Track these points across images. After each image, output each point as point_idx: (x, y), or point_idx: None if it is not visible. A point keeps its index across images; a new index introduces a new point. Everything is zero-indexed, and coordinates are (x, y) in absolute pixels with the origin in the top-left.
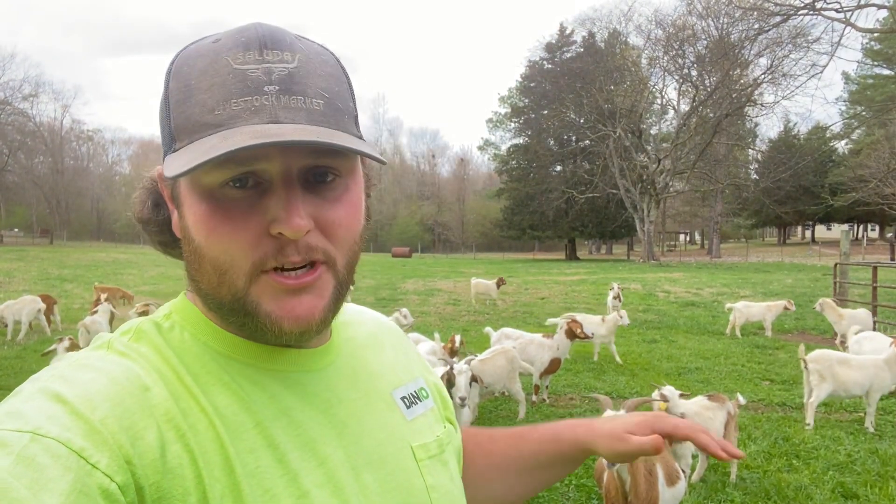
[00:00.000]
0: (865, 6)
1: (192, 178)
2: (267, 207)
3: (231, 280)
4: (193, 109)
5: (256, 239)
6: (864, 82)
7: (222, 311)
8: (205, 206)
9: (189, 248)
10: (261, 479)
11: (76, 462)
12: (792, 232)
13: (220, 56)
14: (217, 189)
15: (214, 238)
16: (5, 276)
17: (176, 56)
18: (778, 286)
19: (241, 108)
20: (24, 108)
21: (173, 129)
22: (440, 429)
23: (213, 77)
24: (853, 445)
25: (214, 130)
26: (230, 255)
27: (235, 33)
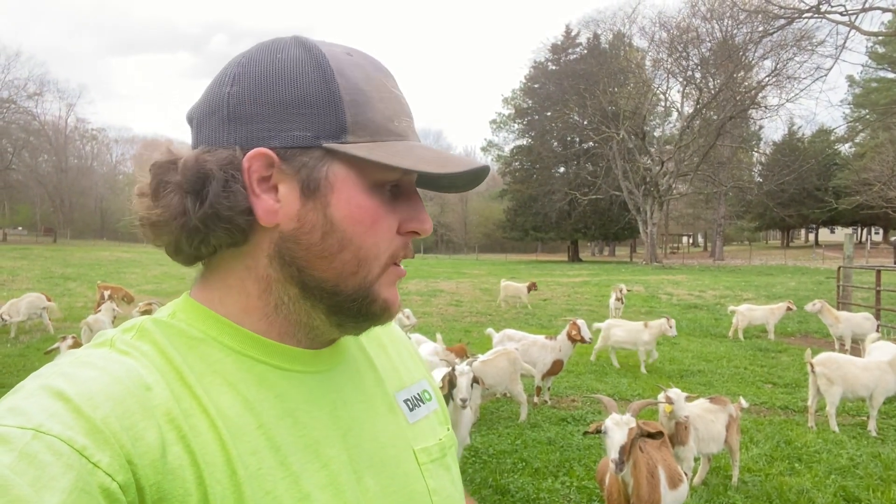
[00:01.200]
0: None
1: (360, 172)
2: (401, 209)
3: (369, 268)
4: (375, 115)
5: (394, 235)
6: (868, 85)
7: (337, 297)
8: (371, 200)
9: (327, 237)
10: (262, 480)
11: (78, 460)
12: (795, 235)
13: (371, 73)
14: (381, 187)
15: (374, 230)
16: (9, 274)
17: (318, 53)
18: (781, 289)
19: (406, 126)
20: (28, 107)
21: (348, 122)
22: (443, 431)
23: (380, 91)
24: (856, 449)
25: (398, 139)
26: (379, 247)
27: (364, 57)
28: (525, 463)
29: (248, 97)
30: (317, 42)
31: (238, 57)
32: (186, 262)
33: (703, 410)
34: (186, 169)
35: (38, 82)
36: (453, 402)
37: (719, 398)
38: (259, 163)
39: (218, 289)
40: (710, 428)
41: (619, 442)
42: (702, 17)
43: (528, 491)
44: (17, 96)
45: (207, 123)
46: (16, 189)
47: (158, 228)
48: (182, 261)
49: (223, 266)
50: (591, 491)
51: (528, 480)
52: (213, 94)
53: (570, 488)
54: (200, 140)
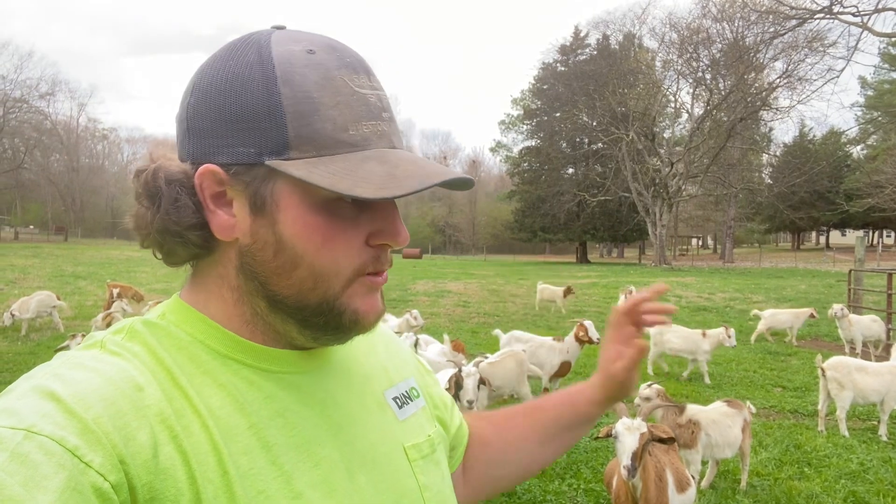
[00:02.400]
0: (883, 10)
1: (305, 188)
2: (367, 221)
3: (328, 285)
4: (324, 125)
5: (359, 249)
6: (881, 87)
7: (302, 312)
8: (320, 217)
9: (278, 254)
10: (254, 480)
11: (70, 460)
12: (806, 237)
13: (331, 73)
14: (332, 202)
15: (327, 248)
16: (20, 272)
17: (267, 58)
18: (791, 292)
19: (369, 132)
20: (40, 107)
21: (291, 138)
22: (432, 428)
23: (335, 95)
24: (866, 454)
25: (351, 150)
26: (338, 263)
27: (330, 50)
28: None
29: (200, 109)
30: (282, 38)
31: (206, 59)
32: (169, 265)
33: (720, 415)
34: (146, 182)
35: (50, 82)
36: (459, 403)
37: (735, 402)
38: (209, 180)
39: (201, 292)
40: (726, 433)
41: (631, 447)
42: (712, 18)
43: (534, 493)
44: (29, 96)
45: (178, 132)
46: (28, 188)
47: (137, 233)
48: (166, 263)
49: (204, 271)
50: (599, 493)
51: (535, 482)
52: (182, 101)
53: (578, 491)
54: (178, 147)
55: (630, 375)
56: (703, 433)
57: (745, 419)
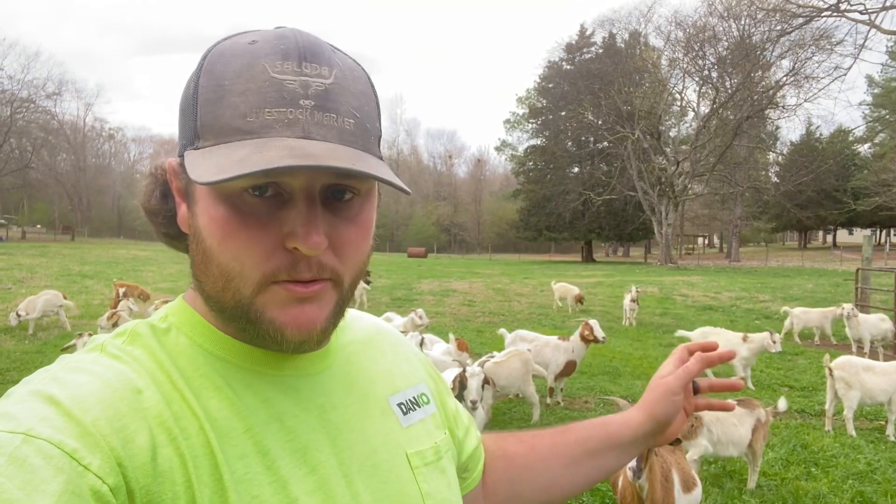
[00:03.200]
0: (891, 8)
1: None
2: (284, 220)
3: (237, 287)
4: (224, 111)
5: (270, 250)
6: (888, 85)
7: (224, 314)
8: (222, 209)
9: (198, 247)
10: (249, 485)
11: (68, 463)
12: (813, 236)
13: (256, 60)
14: (236, 194)
15: (228, 243)
16: (28, 271)
17: (209, 50)
18: (798, 291)
19: (274, 119)
20: (47, 107)
21: (199, 127)
22: (440, 435)
23: (247, 82)
24: (873, 454)
25: (245, 137)
26: (241, 262)
27: (274, 39)
28: None
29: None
30: (247, 33)
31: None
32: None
33: (726, 413)
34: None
35: (57, 82)
36: (464, 403)
37: (749, 401)
38: (171, 173)
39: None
40: (730, 431)
41: None
42: (719, 16)
43: None
44: (36, 96)
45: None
46: (35, 188)
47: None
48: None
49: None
50: (604, 494)
51: None
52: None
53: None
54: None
55: (677, 390)
56: (706, 429)
57: (759, 419)
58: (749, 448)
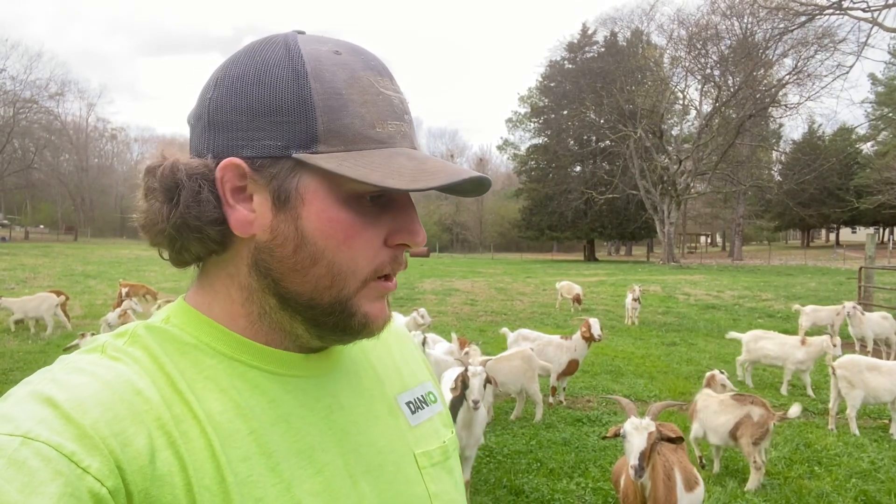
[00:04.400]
0: (894, 5)
1: (333, 183)
2: (387, 221)
3: (344, 283)
4: (353, 120)
5: (377, 249)
6: (891, 83)
7: (312, 311)
8: (345, 213)
9: (299, 250)
10: (253, 487)
11: (67, 466)
12: (816, 235)
13: (357, 73)
14: (355, 199)
15: (348, 245)
16: (31, 271)
17: (297, 54)
18: (801, 289)
19: (394, 130)
20: (50, 107)
21: (320, 131)
22: (447, 434)
23: (363, 94)
24: (877, 453)
25: (378, 146)
26: (356, 262)
27: (354, 52)
28: (540, 463)
29: (225, 103)
30: (308, 39)
31: (228, 57)
32: (176, 265)
33: (713, 401)
34: (163, 177)
35: (60, 82)
36: (466, 402)
37: (747, 396)
38: (231, 173)
39: (207, 293)
40: (710, 418)
41: (639, 447)
42: (721, 14)
43: (542, 492)
44: (38, 96)
45: (195, 129)
46: (38, 188)
47: (145, 231)
48: (173, 264)
49: (211, 272)
50: (607, 492)
51: (543, 481)
52: (200, 97)
53: (586, 489)
54: (191, 144)
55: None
56: (700, 414)
57: (749, 415)
58: (733, 440)
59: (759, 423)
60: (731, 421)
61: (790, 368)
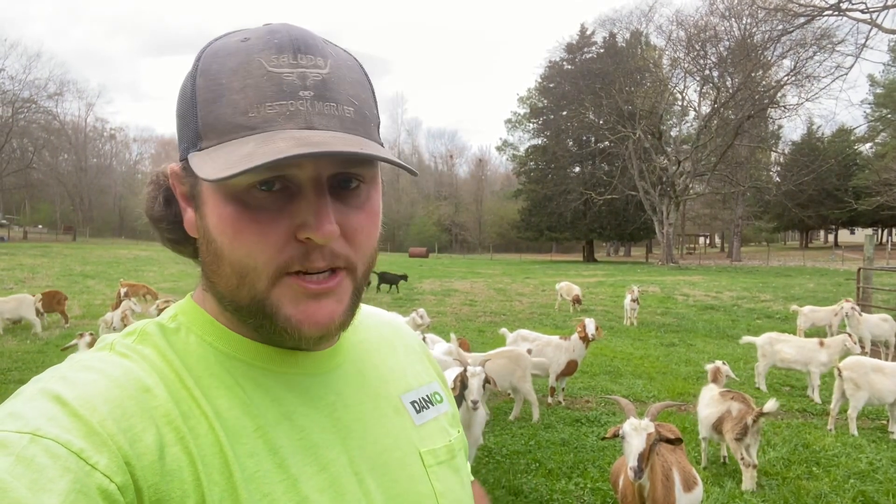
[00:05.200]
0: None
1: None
2: (294, 212)
3: (252, 282)
4: (225, 110)
5: (282, 243)
6: (890, 84)
7: (240, 312)
8: (230, 207)
9: (208, 248)
10: (259, 483)
11: (75, 463)
12: (814, 236)
13: (252, 56)
14: (244, 191)
15: (240, 241)
16: (29, 271)
17: (202, 51)
18: (800, 290)
19: (275, 112)
20: (48, 107)
21: (200, 128)
22: (454, 433)
23: (245, 78)
24: (875, 453)
25: (248, 133)
26: (254, 258)
27: (266, 34)
28: (539, 464)
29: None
30: (234, 33)
31: None
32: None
33: (707, 393)
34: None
35: (58, 82)
36: (465, 402)
37: (728, 392)
38: (174, 178)
39: (202, 293)
40: (701, 410)
41: (638, 449)
42: (720, 16)
43: (541, 492)
44: (37, 96)
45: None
46: (36, 188)
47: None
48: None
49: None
50: (605, 493)
51: (542, 481)
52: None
53: (584, 490)
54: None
55: None
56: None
57: (729, 411)
58: (718, 434)
59: (737, 418)
60: (714, 415)
61: (815, 372)
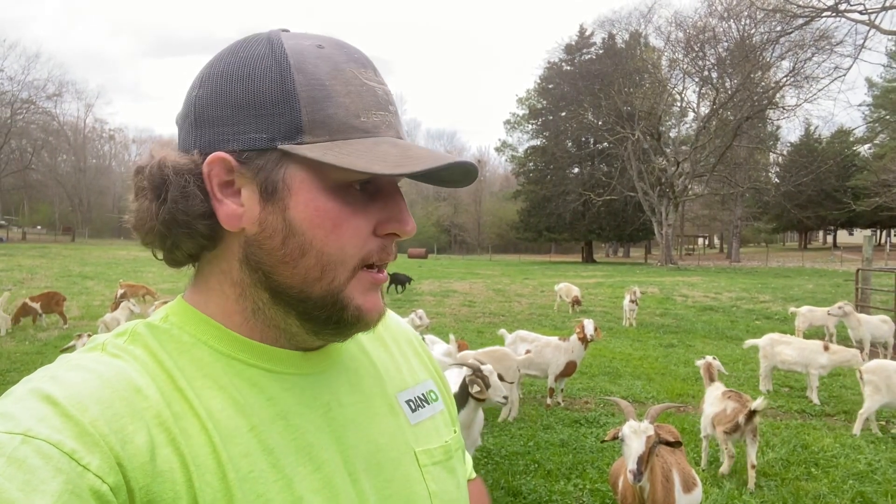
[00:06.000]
0: (891, 8)
1: (319, 173)
2: (376, 210)
3: (334, 274)
4: (336, 110)
5: (366, 238)
6: (888, 85)
7: (304, 304)
8: (332, 202)
9: (288, 241)
10: (254, 483)
11: (67, 463)
12: (813, 237)
13: (341, 66)
14: (344, 188)
15: (337, 234)
16: (28, 272)
17: (280, 48)
18: (799, 291)
19: (379, 121)
20: (47, 108)
21: (304, 122)
22: (449, 434)
23: (347, 85)
24: (874, 454)
25: (363, 135)
26: (345, 251)
27: (338, 46)
28: (537, 465)
29: (210, 100)
30: (291, 35)
31: (213, 56)
32: (170, 265)
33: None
34: (151, 175)
35: (57, 83)
36: (474, 402)
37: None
38: (218, 167)
39: (203, 291)
40: (705, 409)
41: (637, 451)
42: (719, 17)
43: (540, 493)
44: (36, 97)
45: (182, 127)
46: (35, 189)
47: (137, 231)
48: (168, 263)
49: (206, 269)
50: (605, 494)
51: (541, 482)
52: (186, 97)
53: (583, 491)
54: (179, 145)
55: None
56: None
57: (726, 410)
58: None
59: (730, 415)
60: (714, 413)
61: (814, 374)
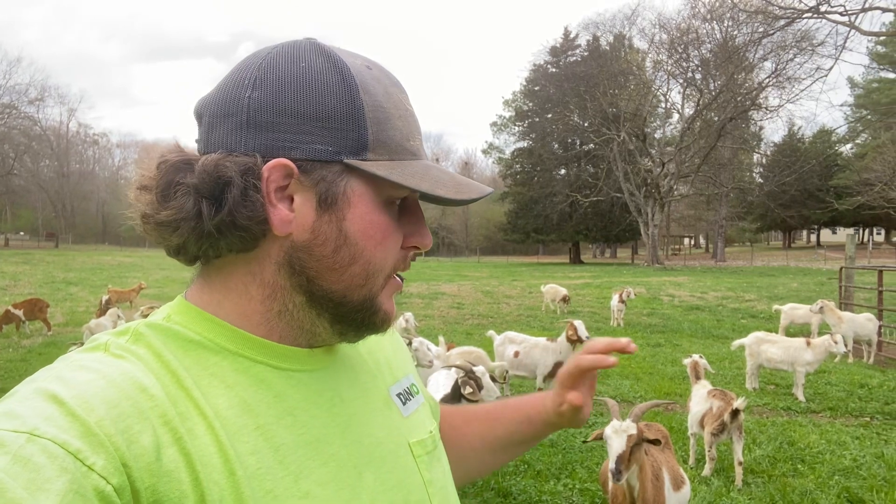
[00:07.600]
0: (870, 9)
1: (375, 188)
2: (405, 224)
3: (375, 281)
4: (394, 133)
5: (398, 249)
6: (869, 86)
7: (342, 307)
8: (384, 216)
9: (340, 250)
10: (262, 480)
11: (72, 463)
12: (797, 236)
13: (389, 90)
14: (389, 204)
15: (384, 245)
16: (11, 279)
17: (343, 66)
18: (783, 290)
19: (419, 145)
20: (30, 112)
21: (370, 140)
22: (432, 424)
23: (397, 109)
24: (859, 450)
25: (413, 158)
26: (386, 261)
27: (381, 70)
28: (527, 465)
29: (269, 105)
30: (343, 52)
31: (256, 59)
32: (188, 263)
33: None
34: (205, 173)
35: (39, 88)
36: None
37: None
38: (278, 173)
39: (218, 291)
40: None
41: (618, 451)
42: (702, 19)
43: (530, 493)
44: (18, 102)
45: (222, 125)
46: (18, 194)
47: (164, 228)
48: (183, 261)
49: (226, 269)
50: (594, 493)
51: (531, 483)
52: (230, 95)
53: (573, 491)
54: (212, 140)
55: (587, 402)
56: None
57: (713, 409)
58: (702, 429)
59: (716, 414)
60: (700, 412)
61: (801, 371)
